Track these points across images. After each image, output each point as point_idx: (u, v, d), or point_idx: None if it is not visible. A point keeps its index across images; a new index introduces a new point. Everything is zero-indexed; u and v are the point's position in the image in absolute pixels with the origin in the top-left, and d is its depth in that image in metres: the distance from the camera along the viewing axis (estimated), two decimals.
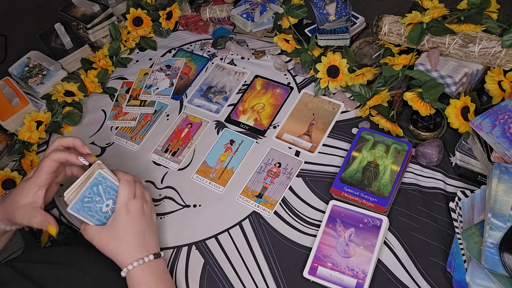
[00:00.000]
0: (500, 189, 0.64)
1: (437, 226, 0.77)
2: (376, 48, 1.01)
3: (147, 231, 0.75)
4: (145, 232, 0.74)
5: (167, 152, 0.98)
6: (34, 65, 1.14)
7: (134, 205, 0.74)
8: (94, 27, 1.17)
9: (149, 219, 0.77)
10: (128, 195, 0.74)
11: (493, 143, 0.71)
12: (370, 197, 0.78)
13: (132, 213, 0.73)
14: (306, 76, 1.05)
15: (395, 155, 0.82)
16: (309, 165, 0.90)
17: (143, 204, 0.76)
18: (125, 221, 0.72)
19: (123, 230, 0.72)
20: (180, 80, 1.12)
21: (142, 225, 0.74)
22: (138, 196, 0.75)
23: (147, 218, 0.76)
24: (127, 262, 0.71)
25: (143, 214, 0.75)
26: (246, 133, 0.98)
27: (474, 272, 0.64)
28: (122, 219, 0.72)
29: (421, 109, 0.84)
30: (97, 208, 0.73)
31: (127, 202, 0.73)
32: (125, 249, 0.72)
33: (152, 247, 0.75)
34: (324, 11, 1.02)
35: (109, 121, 1.07)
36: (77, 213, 0.71)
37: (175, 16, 1.20)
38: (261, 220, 0.84)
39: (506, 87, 0.80)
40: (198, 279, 0.79)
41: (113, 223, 0.72)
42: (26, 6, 2.77)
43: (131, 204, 0.74)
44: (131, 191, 0.74)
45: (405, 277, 0.73)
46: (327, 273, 0.74)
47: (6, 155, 1.00)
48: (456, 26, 0.85)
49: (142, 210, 0.75)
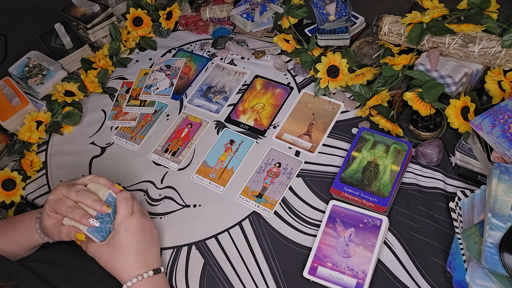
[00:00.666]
0: (500, 189, 0.64)
1: (437, 226, 0.77)
2: (376, 48, 1.01)
3: (146, 247, 0.74)
4: (145, 248, 0.74)
5: (167, 152, 0.98)
6: (34, 65, 1.14)
7: (132, 222, 0.73)
8: (94, 27, 1.17)
9: (149, 234, 0.76)
10: (126, 213, 0.73)
11: (493, 143, 0.71)
12: (370, 197, 0.78)
13: (131, 230, 0.73)
14: (306, 76, 1.05)
15: (395, 155, 0.82)
16: (309, 165, 0.90)
17: (142, 219, 0.75)
18: (124, 238, 0.72)
19: (121, 247, 0.72)
20: (180, 80, 1.12)
21: (140, 241, 0.74)
22: (136, 212, 0.75)
23: (146, 233, 0.75)
24: (126, 279, 0.71)
25: (141, 230, 0.74)
26: (246, 133, 0.98)
27: (474, 272, 0.64)
28: (121, 237, 0.72)
29: (421, 109, 0.84)
30: (107, 228, 0.74)
31: (125, 220, 0.73)
32: (124, 266, 0.72)
33: (152, 262, 0.75)
34: (324, 11, 1.02)
35: (109, 121, 1.07)
36: (91, 234, 0.72)
37: (175, 16, 1.20)
38: (261, 220, 0.84)
39: (506, 87, 0.80)
40: (198, 279, 0.79)
41: (112, 241, 0.72)
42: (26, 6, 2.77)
43: (129, 222, 0.73)
44: (129, 208, 0.74)
45: (405, 277, 0.73)
46: (327, 273, 0.74)
47: (6, 155, 1.00)
48: (456, 26, 0.85)
49: (140, 226, 0.74)
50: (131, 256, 0.72)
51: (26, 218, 0.80)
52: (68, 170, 1.00)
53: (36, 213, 0.80)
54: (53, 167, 1.02)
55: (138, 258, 0.73)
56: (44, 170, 1.01)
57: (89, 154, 1.02)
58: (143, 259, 0.73)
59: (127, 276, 0.71)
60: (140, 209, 0.76)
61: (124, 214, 0.73)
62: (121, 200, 0.73)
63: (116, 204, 0.74)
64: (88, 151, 1.02)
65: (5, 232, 0.79)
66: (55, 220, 0.74)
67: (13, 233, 0.79)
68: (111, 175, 0.97)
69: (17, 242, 0.78)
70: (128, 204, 0.74)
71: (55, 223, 0.74)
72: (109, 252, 0.72)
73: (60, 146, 1.05)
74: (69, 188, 0.73)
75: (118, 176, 0.96)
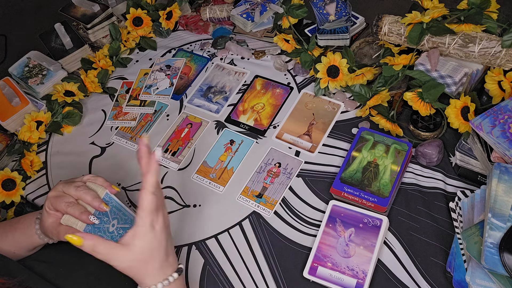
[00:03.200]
0: (500, 189, 0.64)
1: (437, 226, 0.77)
2: (376, 48, 1.01)
3: (169, 245, 0.66)
4: (168, 246, 0.66)
5: (167, 152, 0.98)
6: (34, 65, 1.14)
7: (159, 220, 0.63)
8: (94, 27, 1.17)
9: (169, 228, 0.67)
10: (153, 208, 0.62)
11: (493, 143, 0.71)
12: (370, 197, 0.78)
13: (158, 229, 0.63)
14: (306, 76, 1.05)
15: (395, 155, 0.82)
16: (309, 165, 0.90)
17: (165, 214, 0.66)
18: (151, 239, 0.62)
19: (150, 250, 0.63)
20: (180, 80, 1.12)
21: (166, 240, 0.65)
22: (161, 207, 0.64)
23: (168, 228, 0.67)
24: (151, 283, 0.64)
25: (167, 227, 0.65)
26: (246, 133, 0.98)
27: (474, 272, 0.64)
28: (147, 238, 0.62)
29: (421, 109, 0.84)
30: (105, 228, 0.73)
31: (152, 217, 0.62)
32: (150, 270, 0.63)
33: (174, 261, 0.67)
34: (324, 11, 1.02)
35: (109, 121, 1.07)
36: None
37: (175, 16, 1.20)
38: (261, 220, 0.84)
39: (506, 87, 0.80)
40: (198, 279, 0.79)
41: (135, 242, 0.62)
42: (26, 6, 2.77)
43: (156, 219, 0.63)
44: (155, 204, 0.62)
45: (405, 277, 0.73)
46: (327, 273, 0.74)
47: (6, 155, 1.00)
48: (456, 26, 0.85)
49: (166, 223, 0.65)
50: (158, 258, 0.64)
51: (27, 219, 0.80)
52: (68, 170, 1.00)
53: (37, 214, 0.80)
54: (53, 167, 1.02)
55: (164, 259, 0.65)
56: (44, 170, 1.01)
57: (89, 154, 1.02)
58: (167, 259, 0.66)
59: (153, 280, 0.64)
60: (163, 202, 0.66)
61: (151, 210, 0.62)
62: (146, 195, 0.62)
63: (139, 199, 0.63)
64: (88, 151, 1.02)
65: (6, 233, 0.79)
66: (55, 219, 0.74)
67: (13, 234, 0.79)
68: (111, 175, 0.97)
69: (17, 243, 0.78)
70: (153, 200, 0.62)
71: (54, 222, 0.74)
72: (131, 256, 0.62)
73: (60, 146, 1.06)
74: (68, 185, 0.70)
75: (118, 176, 0.96)
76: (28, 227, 0.79)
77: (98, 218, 0.72)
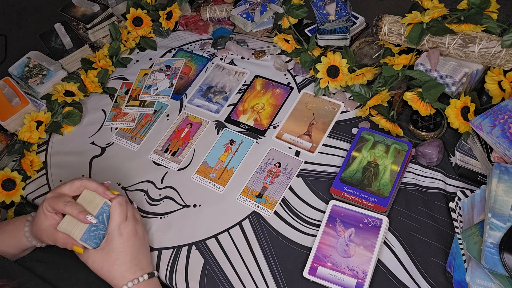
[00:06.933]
0: (500, 189, 0.64)
1: (437, 226, 0.77)
2: (376, 48, 1.01)
3: (140, 251, 0.75)
4: (139, 252, 0.75)
5: (167, 152, 0.98)
6: (34, 65, 1.14)
7: (126, 228, 0.74)
8: (94, 27, 1.17)
9: (142, 239, 0.77)
10: (120, 218, 0.73)
11: (493, 143, 0.71)
12: (370, 197, 0.78)
13: (125, 235, 0.73)
14: (306, 76, 1.05)
15: (395, 155, 0.82)
16: (309, 165, 0.90)
17: (135, 225, 0.76)
18: (119, 244, 0.72)
19: (116, 253, 0.72)
20: (180, 80, 1.12)
21: (135, 246, 0.74)
22: (130, 218, 0.75)
23: (140, 238, 0.76)
24: (122, 283, 0.71)
25: (135, 235, 0.75)
26: (246, 133, 0.98)
27: (474, 272, 0.64)
28: (116, 242, 0.72)
29: (421, 109, 0.84)
30: (101, 235, 0.74)
31: (120, 225, 0.73)
32: (119, 271, 0.72)
33: (146, 266, 0.75)
34: (324, 11, 1.02)
35: (107, 122, 1.07)
36: (85, 242, 0.72)
37: (175, 16, 1.20)
38: (261, 220, 0.84)
39: (506, 87, 0.80)
40: (198, 279, 0.79)
41: (106, 246, 0.72)
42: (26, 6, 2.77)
43: (123, 227, 0.73)
44: (123, 214, 0.74)
45: (405, 277, 0.73)
46: (327, 273, 0.74)
47: (6, 155, 1.00)
48: (456, 26, 0.85)
49: (134, 231, 0.75)
50: (126, 261, 0.73)
51: (17, 221, 0.80)
52: (68, 170, 1.00)
53: (27, 217, 0.80)
54: (53, 167, 1.02)
55: (133, 263, 0.73)
56: (44, 170, 1.01)
57: (89, 154, 1.02)
58: (138, 263, 0.74)
59: (122, 281, 0.72)
60: (133, 214, 0.77)
61: (119, 219, 0.73)
62: (116, 206, 0.74)
63: (110, 209, 0.74)
64: (88, 151, 1.02)
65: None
66: (52, 222, 0.74)
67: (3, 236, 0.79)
68: (111, 175, 0.97)
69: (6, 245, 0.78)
70: (122, 210, 0.74)
71: (51, 226, 0.74)
72: (103, 258, 0.72)
73: (60, 146, 1.05)
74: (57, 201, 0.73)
75: (118, 176, 0.96)
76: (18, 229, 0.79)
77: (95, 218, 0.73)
